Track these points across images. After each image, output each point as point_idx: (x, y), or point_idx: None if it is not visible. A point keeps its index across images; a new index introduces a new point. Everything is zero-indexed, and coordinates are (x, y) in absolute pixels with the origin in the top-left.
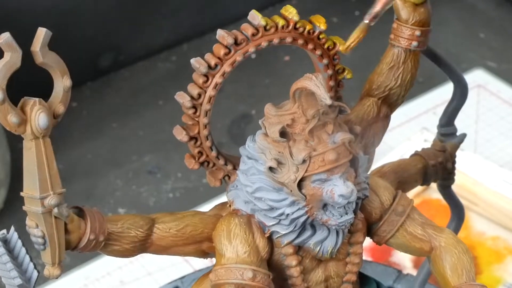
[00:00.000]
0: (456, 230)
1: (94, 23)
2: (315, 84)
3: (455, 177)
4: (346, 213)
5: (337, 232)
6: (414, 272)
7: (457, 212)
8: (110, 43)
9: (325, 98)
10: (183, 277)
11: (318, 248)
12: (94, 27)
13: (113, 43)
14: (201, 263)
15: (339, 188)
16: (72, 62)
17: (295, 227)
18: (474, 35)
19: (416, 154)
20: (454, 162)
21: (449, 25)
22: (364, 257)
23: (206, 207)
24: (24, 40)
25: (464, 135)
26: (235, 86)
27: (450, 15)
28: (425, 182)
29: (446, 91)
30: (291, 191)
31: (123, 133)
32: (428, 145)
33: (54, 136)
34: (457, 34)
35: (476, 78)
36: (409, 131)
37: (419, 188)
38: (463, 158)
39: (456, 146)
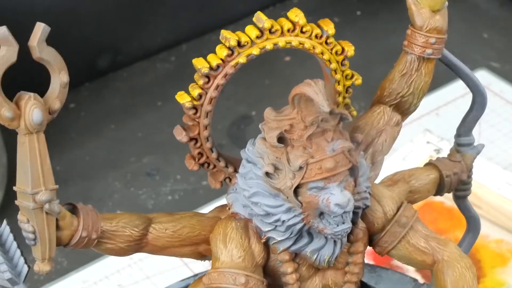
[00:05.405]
0: (471, 242)
1: (92, 23)
2: (314, 90)
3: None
4: (343, 223)
5: (335, 241)
6: (416, 276)
7: (473, 224)
8: (108, 44)
9: (323, 105)
10: (196, 275)
11: (315, 256)
12: (92, 27)
13: (111, 43)
14: (201, 267)
15: (336, 197)
16: (70, 63)
17: (291, 234)
18: (477, 35)
19: (430, 163)
20: (470, 173)
21: (452, 25)
22: (366, 260)
23: (205, 210)
24: (22, 41)
25: (481, 146)
26: (235, 87)
27: (453, 15)
28: (438, 192)
29: (448, 92)
30: (287, 197)
31: (122, 134)
32: (430, 147)
33: (51, 137)
34: (460, 34)
35: (479, 78)
36: (411, 133)
37: None
38: None
39: (473, 157)
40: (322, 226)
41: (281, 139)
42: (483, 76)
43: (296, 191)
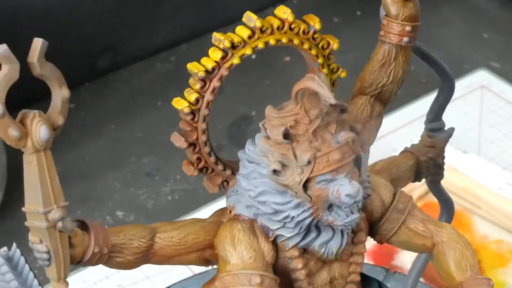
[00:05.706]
0: None
1: (92, 24)
2: (318, 84)
3: (457, 179)
4: (352, 213)
5: (342, 233)
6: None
7: (447, 207)
8: (108, 44)
9: (329, 97)
10: (184, 280)
11: (323, 249)
12: (92, 27)
13: (111, 43)
14: (200, 267)
15: (346, 188)
16: (69, 63)
17: (300, 229)
18: (478, 36)
19: (406, 150)
20: (443, 157)
21: (452, 25)
22: (366, 261)
23: (205, 210)
24: (21, 41)
25: (452, 129)
26: (234, 87)
27: (453, 15)
28: (417, 178)
29: None
30: (296, 193)
31: (121, 134)
32: None
33: None
34: (460, 34)
35: (479, 79)
36: (412, 133)
37: (421, 191)
38: (466, 160)
39: (445, 141)
40: (331, 218)
41: (285, 135)
42: (483, 76)
43: (304, 186)
